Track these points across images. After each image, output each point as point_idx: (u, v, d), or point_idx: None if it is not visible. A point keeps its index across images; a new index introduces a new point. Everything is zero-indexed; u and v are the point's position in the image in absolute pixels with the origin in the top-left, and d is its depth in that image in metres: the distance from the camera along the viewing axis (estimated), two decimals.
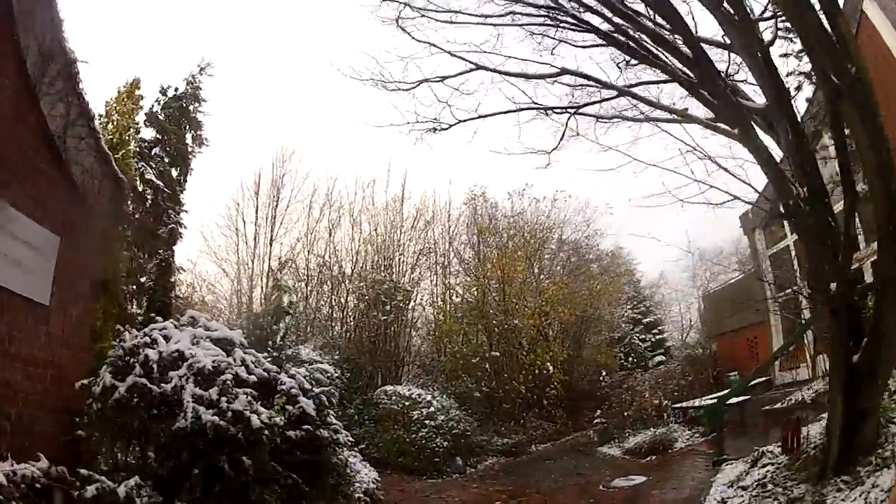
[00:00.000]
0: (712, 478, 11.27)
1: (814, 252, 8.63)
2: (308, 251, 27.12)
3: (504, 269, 26.07)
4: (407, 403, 19.09)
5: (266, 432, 7.74)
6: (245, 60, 48.90)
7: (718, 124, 9.65)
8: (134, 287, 14.64)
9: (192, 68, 17.89)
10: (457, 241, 29.32)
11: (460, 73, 11.00)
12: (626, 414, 20.76)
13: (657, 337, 37.47)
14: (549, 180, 61.13)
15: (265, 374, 9.03)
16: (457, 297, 28.80)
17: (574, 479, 15.43)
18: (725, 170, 9.98)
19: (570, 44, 10.77)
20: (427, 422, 18.37)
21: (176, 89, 17.54)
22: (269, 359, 10.01)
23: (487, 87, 11.37)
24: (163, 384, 7.80)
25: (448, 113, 11.30)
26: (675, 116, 10.39)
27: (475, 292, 27.07)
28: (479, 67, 10.83)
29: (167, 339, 8.48)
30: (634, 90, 10.75)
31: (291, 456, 8.52)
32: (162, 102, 17.19)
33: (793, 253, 20.43)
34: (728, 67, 9.91)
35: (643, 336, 36.40)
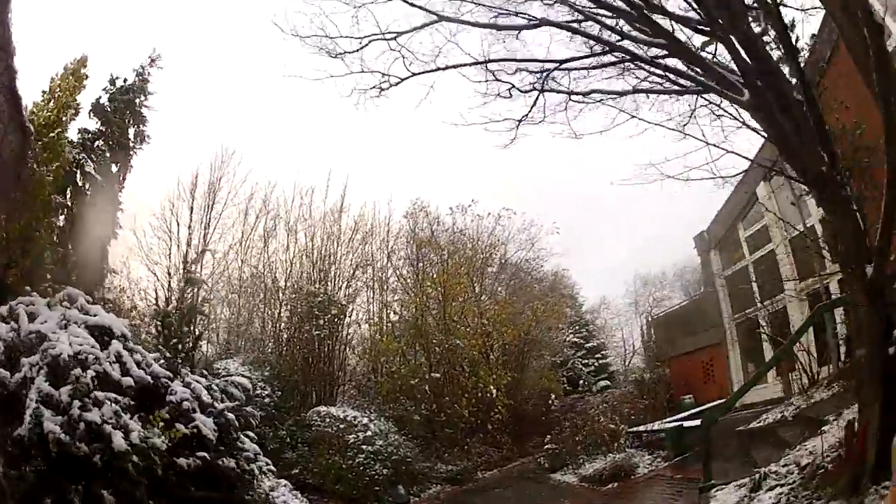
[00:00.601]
0: None
1: (847, 231, 7.37)
2: (241, 260, 25.18)
3: (445, 285, 24.56)
4: (342, 426, 17.47)
5: (134, 458, 5.94)
6: (190, 52, 46.26)
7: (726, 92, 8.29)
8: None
9: (141, 59, 17.02)
10: (396, 256, 27.69)
11: (417, 29, 9.40)
12: (577, 439, 19.34)
13: (601, 361, 36.35)
14: (502, 190, 59.32)
15: (149, 378, 7.31)
16: (395, 314, 27.03)
17: None
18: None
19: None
20: (364, 447, 16.72)
21: (125, 80, 16.65)
22: (161, 361, 8.29)
23: (449, 49, 9.64)
24: (16, 373, 5.93)
25: (400, 66, 9.71)
26: (686, 83, 9.01)
27: (414, 310, 25.37)
28: (441, 18, 9.14)
29: (32, 318, 6.59)
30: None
31: (185, 491, 6.80)
32: (110, 93, 16.26)
33: (751, 273, 20.03)
34: None
35: (586, 361, 35.27)
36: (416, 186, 49.81)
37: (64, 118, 14.47)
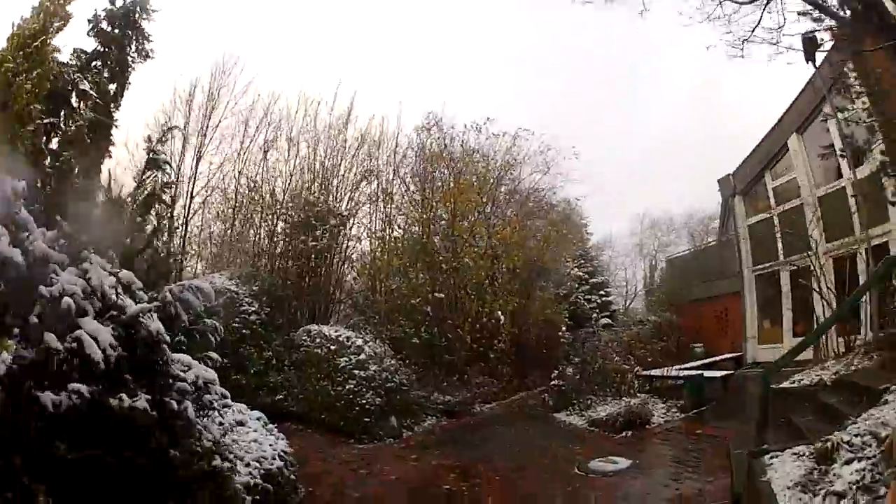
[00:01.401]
0: (763, 477, 8.40)
1: None
2: (238, 172, 23.28)
3: (455, 201, 22.85)
4: (333, 347, 15.92)
5: None
6: None
7: None
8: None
9: None
10: (403, 170, 25.44)
11: None
12: (587, 377, 17.87)
13: (603, 299, 35.31)
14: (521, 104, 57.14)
15: (19, 258, 5.11)
16: (399, 229, 25.06)
17: (537, 454, 12.50)
18: None
19: None
20: (356, 371, 15.18)
21: None
22: (63, 242, 6.16)
23: None
24: None
25: None
26: None
27: (420, 227, 23.71)
28: None
29: None
30: None
31: (51, 447, 4.77)
32: (108, 11, 15.45)
33: (776, 225, 19.07)
34: None
35: (589, 296, 34.02)
36: (429, 102, 47.93)
37: (51, 27, 13.35)
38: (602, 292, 35.64)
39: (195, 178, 22.05)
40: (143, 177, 16.24)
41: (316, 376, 15.47)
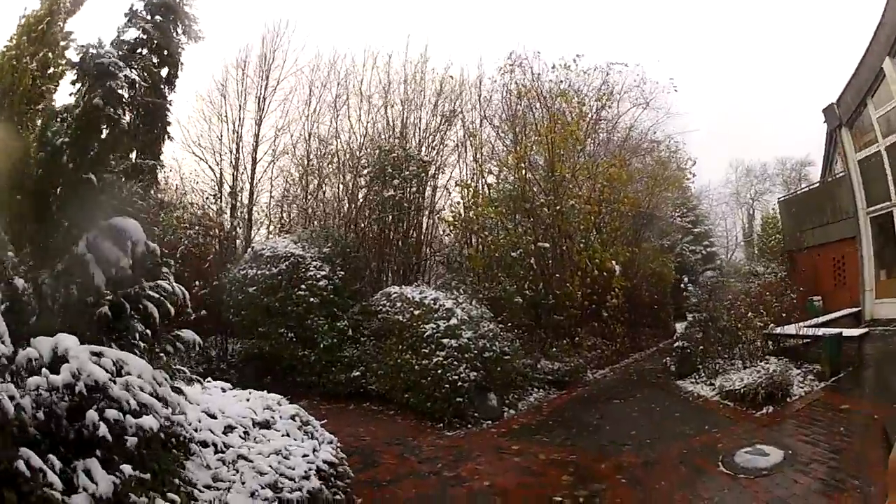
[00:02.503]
0: None
1: None
2: (309, 134, 22.02)
3: (553, 138, 19.37)
4: (416, 312, 13.57)
5: None
6: None
7: None
8: None
9: None
10: (490, 111, 22.63)
11: None
12: (716, 336, 14.96)
13: (708, 250, 33.35)
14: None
15: None
16: (490, 174, 22.09)
17: (669, 441, 9.96)
18: None
19: None
20: (445, 340, 12.63)
21: None
22: None
23: None
24: None
25: None
26: None
27: (513, 172, 20.34)
28: None
29: None
30: None
31: None
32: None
33: (885, 159, 16.41)
34: None
35: (693, 247, 31.82)
36: (511, 46, 45.08)
37: (59, 12, 11.04)
38: (706, 242, 33.73)
39: (257, 144, 21.52)
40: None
41: (397, 347, 13.31)
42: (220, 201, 20.60)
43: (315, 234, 16.70)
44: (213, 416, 6.52)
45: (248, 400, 7.59)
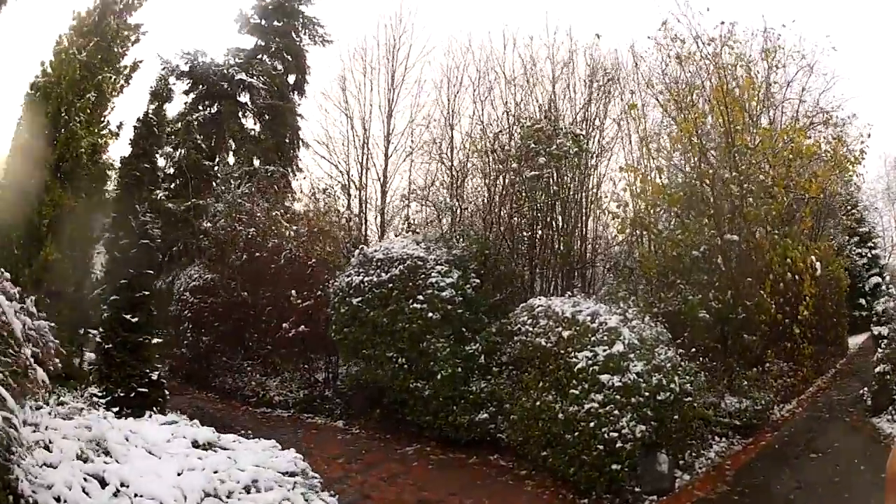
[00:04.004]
0: None
1: None
2: (450, 126, 19.76)
3: (727, 99, 14.79)
4: (566, 334, 10.10)
5: None
6: None
7: None
8: None
9: None
10: (654, 77, 18.30)
11: None
12: None
13: (872, 252, 27.49)
14: None
15: None
16: (658, 153, 17.60)
17: None
18: None
19: None
20: (605, 377, 9.21)
21: None
22: None
23: None
24: None
25: None
26: None
27: (684, 148, 16.18)
28: None
29: None
30: None
31: None
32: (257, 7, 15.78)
33: None
34: None
35: (859, 250, 26.57)
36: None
37: (111, 10, 13.83)
38: (870, 244, 27.81)
39: (388, 138, 20.97)
40: None
41: (536, 384, 10.15)
42: (348, 196, 19.67)
43: (445, 233, 13.79)
44: (104, 484, 4.30)
45: (231, 458, 5.33)
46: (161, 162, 24.64)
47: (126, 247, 11.90)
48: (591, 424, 8.92)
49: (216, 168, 21.43)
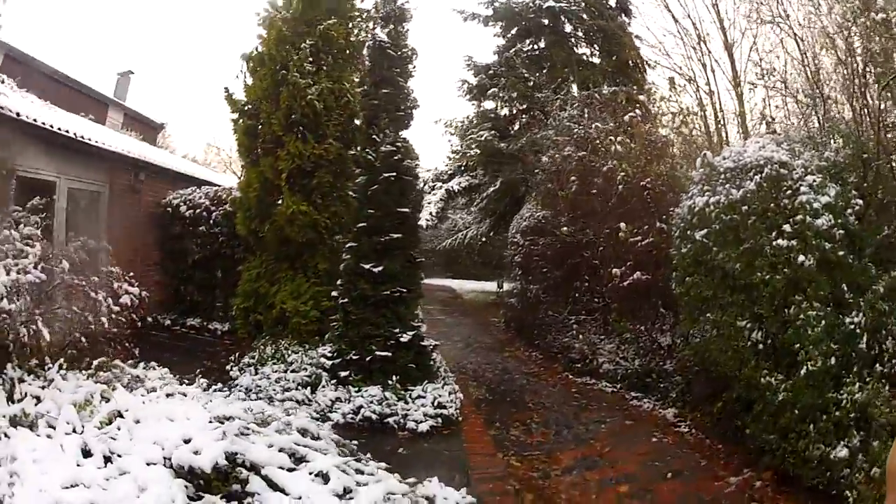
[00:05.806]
0: None
1: None
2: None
3: None
4: None
5: None
6: None
7: None
8: None
9: None
10: None
11: None
12: None
13: None
14: None
15: None
16: None
17: None
18: None
19: None
20: None
21: None
22: None
23: None
24: None
25: None
26: None
27: None
28: None
29: None
30: None
31: None
32: None
33: None
34: None
35: None
36: None
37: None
38: None
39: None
40: None
41: None
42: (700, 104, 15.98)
43: (813, 131, 9.12)
44: None
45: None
46: (489, 104, 25.87)
47: (364, 184, 10.19)
48: None
49: (550, 100, 20.44)
